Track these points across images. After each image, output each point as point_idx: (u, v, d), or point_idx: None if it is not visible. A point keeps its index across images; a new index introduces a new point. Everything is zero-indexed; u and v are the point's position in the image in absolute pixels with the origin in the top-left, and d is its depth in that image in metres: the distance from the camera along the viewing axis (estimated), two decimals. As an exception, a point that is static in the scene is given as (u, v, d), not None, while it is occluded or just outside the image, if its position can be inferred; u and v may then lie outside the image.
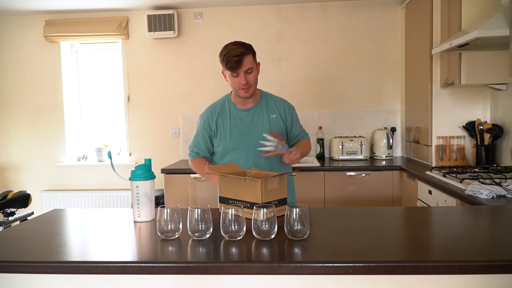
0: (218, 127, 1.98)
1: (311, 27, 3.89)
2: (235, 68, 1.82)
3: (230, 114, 1.98)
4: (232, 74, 1.85)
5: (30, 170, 4.18)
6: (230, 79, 1.88)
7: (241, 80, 1.85)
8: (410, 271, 1.07)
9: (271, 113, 2.00)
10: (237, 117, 1.98)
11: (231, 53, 1.81)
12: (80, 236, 1.46)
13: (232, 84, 1.89)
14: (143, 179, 1.51)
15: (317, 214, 1.61)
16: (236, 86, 1.88)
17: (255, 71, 1.90)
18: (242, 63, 1.82)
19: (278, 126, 2.00)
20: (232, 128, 1.96)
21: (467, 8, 2.60)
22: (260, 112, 1.99)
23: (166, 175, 3.42)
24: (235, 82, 1.87)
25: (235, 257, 1.18)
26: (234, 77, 1.85)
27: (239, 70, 1.83)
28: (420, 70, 3.27)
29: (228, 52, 1.82)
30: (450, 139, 3.03)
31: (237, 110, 1.99)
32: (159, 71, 4.02)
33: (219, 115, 1.99)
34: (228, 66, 1.82)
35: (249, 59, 1.84)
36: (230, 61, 1.80)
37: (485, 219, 1.58)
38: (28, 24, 4.05)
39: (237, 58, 1.80)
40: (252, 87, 1.89)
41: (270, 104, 2.02)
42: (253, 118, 1.98)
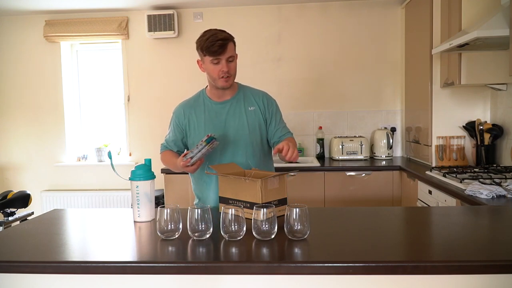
0: (190, 122, 1.89)
1: (311, 27, 3.89)
2: (218, 53, 1.71)
3: (205, 107, 1.88)
4: (213, 60, 1.73)
5: (30, 170, 4.18)
6: (209, 67, 1.76)
7: (223, 67, 1.74)
8: (410, 271, 1.07)
9: (248, 106, 1.89)
10: (212, 110, 1.88)
11: (215, 36, 1.71)
12: (80, 236, 1.46)
13: (211, 73, 1.78)
14: (143, 179, 1.51)
15: (317, 214, 1.61)
16: (216, 74, 1.76)
17: (235, 61, 1.80)
18: (226, 48, 1.72)
19: (256, 119, 1.89)
20: (207, 122, 1.86)
21: (467, 8, 2.60)
22: (237, 104, 1.88)
23: (166, 175, 3.42)
24: (215, 70, 1.75)
25: (235, 257, 1.18)
26: (214, 64, 1.74)
27: (222, 56, 1.72)
28: (420, 70, 3.27)
29: (212, 35, 1.71)
30: (450, 139, 3.03)
31: (212, 103, 1.88)
32: (159, 71, 4.02)
33: (192, 109, 1.90)
34: (211, 50, 1.70)
35: (231, 47, 1.76)
36: (214, 45, 1.69)
37: (485, 219, 1.58)
38: (28, 24, 4.05)
39: (222, 42, 1.70)
40: (232, 76, 1.79)
41: (248, 96, 1.91)
42: (229, 111, 1.87)
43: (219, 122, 1.86)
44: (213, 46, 1.70)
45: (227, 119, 1.86)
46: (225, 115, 1.87)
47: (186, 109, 1.91)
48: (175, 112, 1.95)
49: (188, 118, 1.89)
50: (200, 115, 1.88)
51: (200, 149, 1.64)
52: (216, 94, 1.89)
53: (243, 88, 1.95)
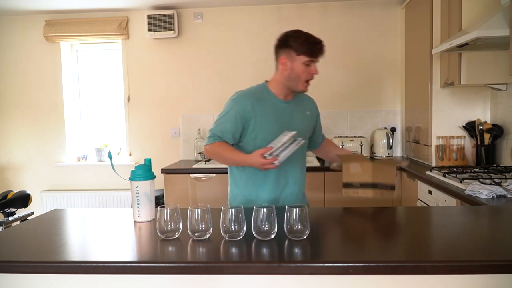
0: (257, 116, 1.76)
1: (311, 27, 3.81)
2: (318, 54, 1.70)
3: (270, 103, 1.80)
4: (308, 62, 1.70)
5: (30, 170, 4.18)
6: (299, 67, 1.72)
7: (314, 70, 1.73)
8: (410, 271, 1.07)
9: (306, 109, 1.89)
10: (277, 108, 1.80)
11: (315, 39, 1.71)
12: (80, 236, 1.46)
13: (299, 73, 1.73)
14: (143, 179, 1.51)
15: (317, 214, 1.61)
16: (303, 76, 1.73)
17: None
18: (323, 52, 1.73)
19: (310, 123, 1.91)
20: (272, 119, 1.78)
21: (467, 8, 2.60)
22: (297, 106, 1.86)
23: (166, 175, 3.42)
24: (305, 72, 1.72)
25: (235, 257, 1.18)
26: (306, 65, 1.71)
27: (318, 58, 1.72)
28: (420, 70, 3.27)
29: (312, 37, 1.71)
30: (450, 139, 3.03)
31: (278, 101, 1.81)
32: (159, 71, 4.02)
33: (258, 103, 1.77)
34: (313, 51, 1.69)
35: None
36: (316, 46, 1.69)
37: (485, 219, 1.58)
38: (28, 24, 4.05)
39: (322, 46, 1.70)
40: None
41: (305, 100, 1.92)
42: (292, 112, 1.83)
43: (284, 121, 1.79)
44: (315, 47, 1.69)
45: (291, 119, 1.82)
46: (289, 114, 1.82)
47: (253, 101, 1.77)
48: (239, 102, 1.78)
49: (255, 111, 1.76)
50: (267, 110, 1.78)
51: (286, 146, 1.59)
52: (283, 93, 1.82)
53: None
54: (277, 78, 1.81)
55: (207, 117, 3.98)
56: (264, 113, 1.77)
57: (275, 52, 1.82)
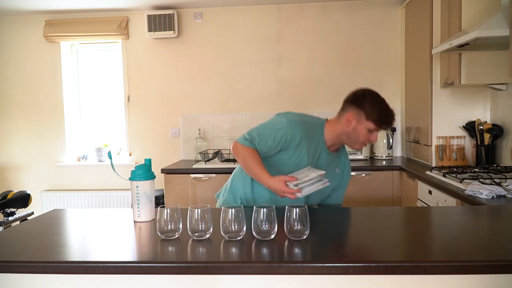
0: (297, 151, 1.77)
1: (311, 27, 3.89)
2: (387, 127, 1.72)
3: (318, 146, 1.80)
4: (374, 129, 1.71)
5: (30, 170, 4.18)
6: (363, 131, 1.72)
7: (375, 138, 1.74)
8: (410, 271, 1.07)
9: (337, 167, 1.88)
10: (321, 154, 1.81)
11: (390, 111, 1.71)
12: (80, 236, 1.46)
13: (360, 137, 1.73)
14: (143, 179, 1.51)
15: (317, 214, 1.61)
16: (362, 140, 1.74)
17: None
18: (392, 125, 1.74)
19: (335, 182, 1.87)
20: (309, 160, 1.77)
21: (467, 8, 2.60)
22: (333, 161, 1.86)
23: (166, 175, 3.42)
24: (365, 136, 1.72)
25: (235, 257, 1.18)
26: (370, 132, 1.71)
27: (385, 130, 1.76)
28: (420, 70, 3.27)
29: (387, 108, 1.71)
30: (450, 139, 3.03)
31: (323, 147, 1.82)
32: (159, 71, 4.02)
33: (308, 141, 1.77)
34: (383, 122, 1.69)
35: None
36: (389, 121, 1.70)
37: (485, 219, 1.58)
38: (28, 24, 4.05)
39: (393, 120, 1.71)
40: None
41: (342, 158, 1.91)
42: (328, 164, 1.83)
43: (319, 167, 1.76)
44: (388, 121, 1.70)
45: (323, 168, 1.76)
46: (324, 164, 1.81)
47: (304, 136, 1.77)
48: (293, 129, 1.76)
49: (299, 146, 1.76)
50: (310, 151, 1.78)
51: (312, 183, 1.58)
52: (331, 142, 1.82)
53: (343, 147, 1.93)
54: (336, 128, 1.80)
55: (207, 117, 3.98)
56: (307, 152, 1.77)
57: (345, 103, 1.82)
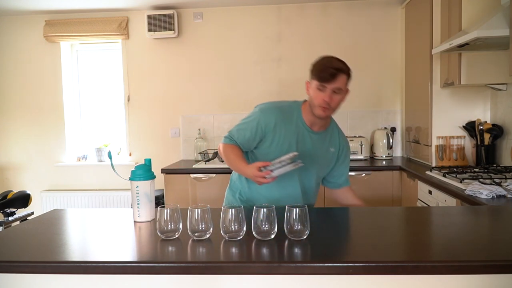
0: (276, 136, 1.74)
1: (311, 27, 3.89)
2: (327, 80, 1.64)
3: (296, 128, 1.76)
4: (319, 86, 1.66)
5: (30, 170, 4.18)
6: (313, 92, 1.69)
7: (325, 96, 1.65)
8: (410, 271, 1.07)
9: (331, 146, 1.83)
10: (301, 135, 1.77)
11: (330, 63, 1.67)
12: (80, 236, 1.46)
13: (313, 98, 1.70)
14: (143, 179, 1.51)
15: (317, 214, 1.61)
16: (316, 102, 1.68)
17: (343, 95, 1.71)
18: (336, 79, 1.64)
19: (331, 160, 1.85)
20: (292, 144, 1.74)
21: (467, 8, 2.60)
22: (324, 140, 1.81)
23: (166, 175, 3.42)
24: (317, 97, 1.67)
25: (235, 257, 1.18)
26: (319, 90, 1.66)
27: (329, 84, 1.64)
28: (420, 70, 3.27)
29: (328, 62, 1.68)
30: (450, 139, 3.03)
31: (305, 128, 1.77)
32: (159, 71, 4.02)
33: (283, 123, 1.75)
34: (321, 76, 1.65)
35: (343, 79, 1.68)
36: (325, 71, 1.64)
37: (485, 219, 1.58)
38: (28, 24, 4.05)
39: (334, 71, 1.64)
40: (331, 110, 1.69)
41: (335, 136, 1.85)
42: (314, 144, 1.78)
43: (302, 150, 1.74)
44: (324, 72, 1.65)
45: (309, 150, 1.77)
46: (310, 145, 1.77)
47: (278, 119, 1.75)
48: (265, 115, 1.76)
49: (277, 131, 1.75)
50: (289, 134, 1.75)
51: (284, 165, 1.53)
52: (311, 120, 1.77)
53: (333, 125, 1.88)
54: (308, 102, 1.78)
55: (207, 117, 3.98)
56: (286, 135, 1.75)
57: None
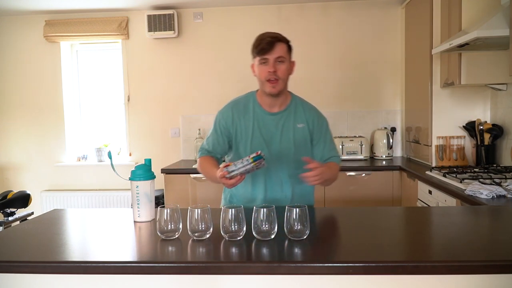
0: (238, 129, 1.75)
1: (311, 27, 3.89)
2: (266, 50, 1.63)
3: (254, 115, 1.75)
4: (261, 59, 1.64)
5: (30, 170, 4.18)
6: (258, 69, 1.67)
7: (269, 67, 1.63)
8: (410, 271, 1.07)
9: (298, 122, 1.76)
10: (261, 120, 1.74)
11: (265, 34, 1.67)
12: (80, 236, 1.46)
13: (259, 75, 1.68)
14: (143, 179, 1.51)
15: (317, 214, 1.61)
16: (263, 77, 1.65)
17: (287, 64, 1.68)
18: (275, 46, 1.63)
19: (303, 137, 1.77)
20: (255, 132, 1.73)
21: (467, 8, 2.60)
22: (287, 118, 1.75)
23: (166, 175, 3.42)
24: (263, 71, 1.65)
25: (235, 257, 1.18)
26: (262, 63, 1.65)
27: (270, 54, 1.63)
28: (420, 70, 3.27)
29: (262, 35, 1.68)
30: (450, 139, 3.03)
31: (263, 113, 1.75)
32: (159, 71, 4.02)
33: (241, 115, 1.75)
34: (259, 49, 1.64)
35: (282, 47, 1.66)
36: (262, 42, 1.64)
37: (485, 219, 1.58)
38: (28, 24, 4.05)
39: (271, 40, 1.64)
40: (280, 80, 1.65)
41: (299, 111, 1.78)
42: (278, 125, 1.75)
43: (267, 134, 1.74)
44: (261, 44, 1.64)
45: (275, 133, 1.75)
46: (273, 127, 1.75)
47: (235, 113, 1.76)
48: (223, 114, 1.78)
49: (237, 124, 1.75)
50: (249, 123, 1.75)
51: (245, 164, 1.48)
52: (267, 102, 1.75)
53: (296, 101, 1.80)
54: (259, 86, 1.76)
55: (207, 117, 3.98)
56: (246, 126, 1.74)
57: None
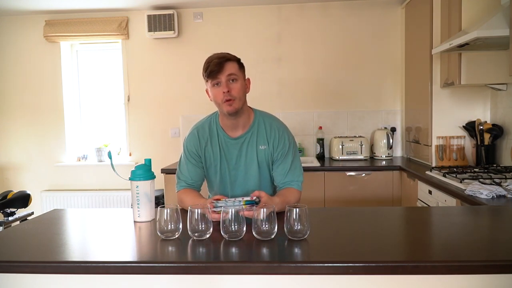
0: (207, 155, 1.74)
1: (311, 27, 3.89)
2: (216, 72, 1.58)
3: (219, 141, 1.73)
4: (213, 81, 1.60)
5: (30, 170, 4.18)
6: (212, 92, 1.63)
7: (223, 87, 1.59)
8: (410, 271, 1.07)
9: (260, 144, 1.72)
10: (225, 146, 1.73)
11: (213, 56, 1.62)
12: (80, 236, 1.46)
13: (215, 98, 1.63)
14: (143, 179, 1.51)
15: (317, 214, 1.61)
16: (219, 99, 1.61)
17: (241, 82, 1.64)
18: (224, 66, 1.59)
19: (265, 158, 1.73)
20: (222, 157, 1.73)
21: (467, 8, 2.60)
22: (250, 141, 1.72)
23: (166, 175, 3.42)
24: (217, 93, 1.61)
25: (235, 257, 1.18)
26: (215, 86, 1.61)
27: (220, 75, 1.59)
28: (420, 70, 3.27)
29: (210, 57, 1.63)
30: (450, 139, 3.03)
31: (226, 138, 1.73)
32: (159, 71, 4.02)
33: (208, 141, 1.74)
34: (209, 71, 1.59)
35: (233, 66, 1.62)
36: (210, 64, 1.59)
37: (485, 219, 1.58)
38: (28, 24, 4.05)
39: (218, 60, 1.59)
40: (236, 100, 1.60)
41: (261, 133, 1.73)
42: (241, 149, 1.73)
43: (231, 158, 1.74)
44: (210, 66, 1.60)
45: (239, 155, 1.74)
46: (237, 151, 1.73)
47: (202, 139, 1.74)
48: (191, 141, 1.75)
49: (204, 150, 1.74)
50: (216, 148, 1.74)
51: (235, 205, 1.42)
52: (229, 125, 1.71)
53: (259, 120, 1.75)
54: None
55: (207, 117, 3.98)
56: (214, 152, 1.74)
57: None
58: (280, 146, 1.72)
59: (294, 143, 1.79)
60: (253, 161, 1.73)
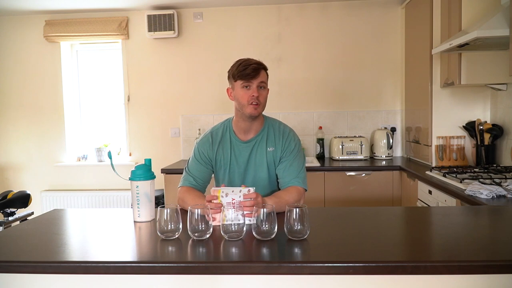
0: (218, 158, 1.83)
1: (311, 27, 3.89)
2: (251, 76, 1.68)
3: (231, 145, 1.83)
4: (245, 84, 1.70)
5: (30, 170, 4.18)
6: (239, 93, 1.72)
7: (253, 92, 1.69)
8: (410, 271, 1.07)
9: (269, 146, 1.83)
10: (237, 149, 1.83)
11: (249, 61, 1.72)
12: (80, 236, 1.46)
13: (241, 99, 1.72)
14: (143, 179, 1.51)
15: (317, 214, 1.61)
16: (245, 100, 1.70)
17: (267, 90, 1.77)
18: (259, 73, 1.71)
19: (273, 159, 1.84)
20: (232, 161, 1.83)
21: (467, 8, 2.60)
22: (260, 144, 1.83)
23: (166, 175, 3.42)
24: (245, 96, 1.70)
25: (235, 257, 1.18)
26: (245, 88, 1.71)
27: (254, 80, 1.69)
28: (420, 70, 3.27)
29: (246, 61, 1.73)
30: (450, 139, 3.03)
31: (238, 142, 1.83)
32: (159, 71, 4.02)
33: (219, 145, 1.83)
34: (244, 74, 1.68)
35: (264, 75, 1.74)
36: (247, 68, 1.69)
37: (485, 219, 1.58)
38: (28, 24, 4.05)
39: (256, 66, 1.70)
40: (261, 105, 1.73)
41: (271, 136, 1.84)
42: (252, 151, 1.83)
43: (242, 160, 1.83)
44: (247, 69, 1.69)
45: (249, 158, 1.82)
46: (248, 154, 1.82)
47: (215, 142, 1.84)
48: (204, 143, 1.85)
49: (216, 153, 1.83)
50: (227, 152, 1.83)
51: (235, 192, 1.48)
52: (243, 128, 1.81)
53: (268, 125, 1.86)
54: (235, 112, 1.82)
55: (207, 117, 3.98)
56: (225, 155, 1.83)
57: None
58: (285, 146, 1.83)
59: (300, 146, 1.88)
60: (263, 163, 1.82)
